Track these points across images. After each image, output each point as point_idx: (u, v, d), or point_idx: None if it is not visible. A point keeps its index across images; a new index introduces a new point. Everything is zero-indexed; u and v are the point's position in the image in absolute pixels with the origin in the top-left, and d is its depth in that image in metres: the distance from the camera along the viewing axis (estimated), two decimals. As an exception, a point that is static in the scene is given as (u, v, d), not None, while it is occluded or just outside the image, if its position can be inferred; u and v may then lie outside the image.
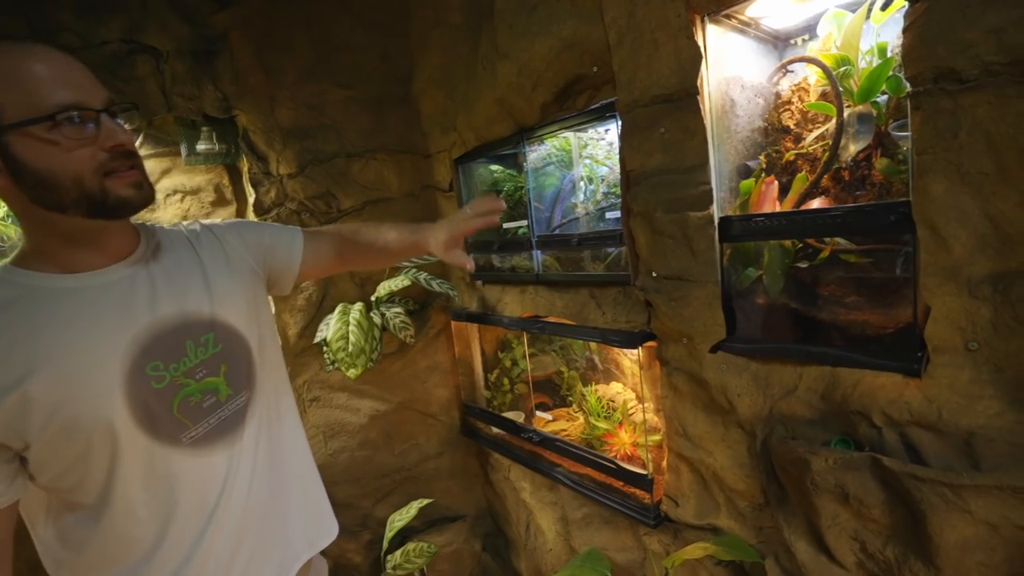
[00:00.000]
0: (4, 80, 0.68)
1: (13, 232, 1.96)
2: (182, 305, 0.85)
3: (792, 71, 1.26)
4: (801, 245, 1.18)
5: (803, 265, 1.18)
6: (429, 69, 2.08)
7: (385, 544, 1.96)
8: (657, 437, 1.67)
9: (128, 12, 1.71)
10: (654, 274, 1.40)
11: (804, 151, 1.23)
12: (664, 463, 1.56)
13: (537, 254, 1.80)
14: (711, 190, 1.25)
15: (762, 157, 1.29)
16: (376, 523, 2.15)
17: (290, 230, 1.12)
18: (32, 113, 0.69)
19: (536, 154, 1.82)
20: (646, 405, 1.59)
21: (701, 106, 1.23)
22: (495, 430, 2.15)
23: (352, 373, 1.85)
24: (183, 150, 1.90)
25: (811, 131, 1.25)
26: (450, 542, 2.15)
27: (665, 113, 1.29)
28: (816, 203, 1.19)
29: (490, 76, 1.74)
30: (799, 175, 1.18)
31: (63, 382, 0.72)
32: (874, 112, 1.08)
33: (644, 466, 1.60)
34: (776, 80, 1.31)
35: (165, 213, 2.02)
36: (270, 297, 1.16)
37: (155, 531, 0.81)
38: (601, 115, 1.48)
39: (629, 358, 1.96)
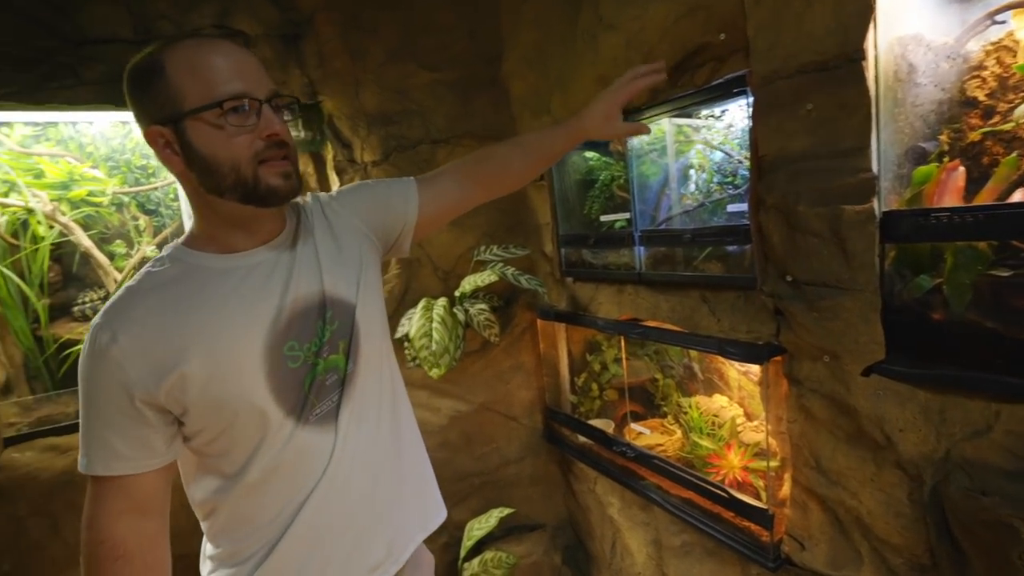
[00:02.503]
0: (188, 71, 0.75)
1: (117, 219, 2.03)
2: (309, 286, 0.87)
3: (1002, 20, 1.00)
4: (999, 247, 0.93)
5: (1003, 274, 0.93)
6: (521, 47, 1.93)
7: (463, 552, 1.87)
8: (775, 463, 1.45)
9: (220, -4, 1.69)
10: (789, 278, 1.18)
11: (1000, 129, 0.97)
12: (782, 494, 1.35)
13: (640, 250, 1.61)
14: (873, 179, 1.02)
15: (943, 137, 1.04)
16: (453, 526, 2.06)
17: (403, 182, 1.06)
18: (205, 100, 0.74)
19: (640, 139, 1.63)
20: (764, 426, 1.38)
21: (865, 75, 1.00)
22: (581, 439, 2.00)
23: (435, 373, 1.76)
24: (271, 138, 1.87)
25: (1013, 102, 0.99)
26: (529, 553, 2.04)
27: (815, 85, 1.07)
28: (1019, 195, 0.94)
29: (591, 51, 1.56)
30: (1007, 159, 0.92)
31: (213, 359, 0.77)
32: None
33: (758, 496, 1.40)
34: (966, 39, 1.04)
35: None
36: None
37: (279, 502, 0.84)
38: (727, 91, 1.27)
39: (737, 370, 1.74)
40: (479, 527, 1.88)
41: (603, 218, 1.75)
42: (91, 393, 0.76)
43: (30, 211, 1.77)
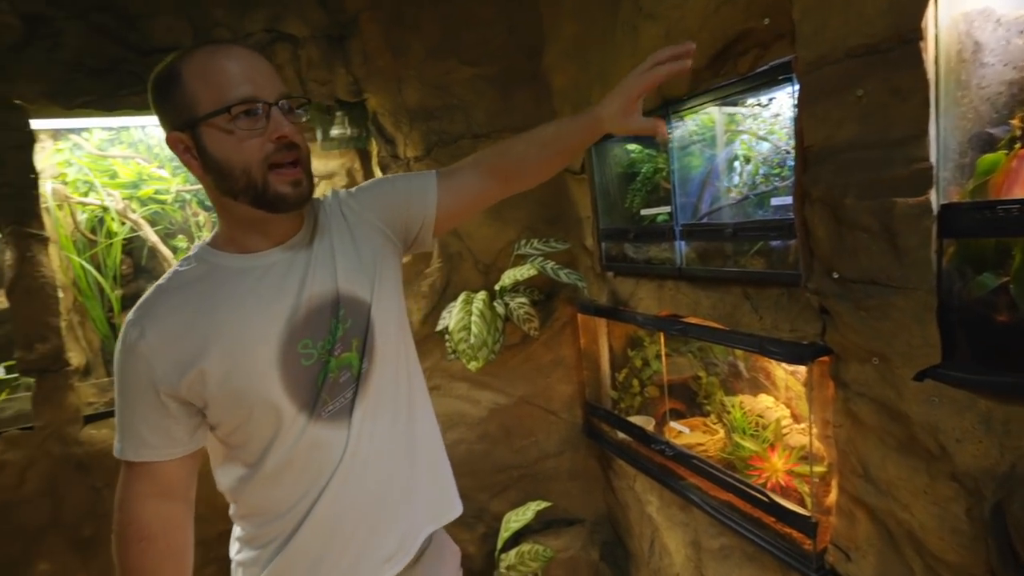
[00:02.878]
0: (201, 77, 0.77)
1: (179, 216, 2.17)
2: (324, 284, 0.88)
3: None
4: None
5: (1079, 273, 0.84)
6: (561, 40, 1.91)
7: (499, 543, 1.90)
8: (820, 468, 1.38)
9: (270, 3, 1.76)
10: (836, 275, 1.12)
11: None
12: (829, 501, 1.28)
13: (680, 245, 1.57)
14: (930, 169, 0.95)
15: (1015, 121, 0.94)
16: (491, 517, 2.09)
17: (423, 176, 1.03)
18: (216, 106, 0.77)
19: (681, 130, 1.58)
20: (809, 429, 1.31)
21: (922, 56, 0.92)
22: (621, 435, 1.98)
23: (473, 366, 1.78)
24: (318, 136, 1.94)
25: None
26: (566, 547, 2.04)
27: (866, 70, 1.00)
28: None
29: (630, 41, 1.52)
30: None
31: (231, 357, 0.80)
32: None
33: (803, 502, 1.33)
34: (1043, 14, 0.94)
35: (304, 198, 2.10)
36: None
37: (295, 495, 0.87)
38: (771, 79, 1.21)
39: (785, 369, 1.66)
40: (516, 519, 1.90)
41: (644, 212, 1.71)
42: (123, 385, 0.81)
43: (105, 209, 1.93)
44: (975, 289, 0.95)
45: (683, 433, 1.80)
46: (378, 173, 2.04)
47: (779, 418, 1.56)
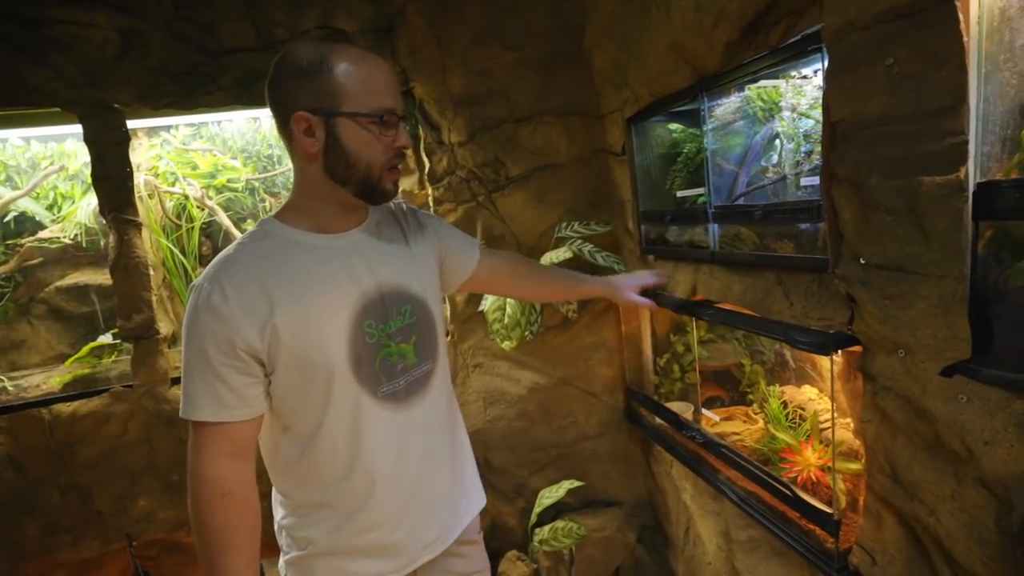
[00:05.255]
0: (353, 76, 0.87)
1: (249, 202, 2.40)
2: (391, 275, 0.98)
3: None
4: None
5: None
6: (601, 19, 1.87)
7: (533, 518, 1.96)
8: (856, 466, 1.31)
9: (321, 2, 1.88)
10: (862, 260, 1.04)
11: None
12: (861, 501, 1.21)
13: (713, 228, 1.51)
14: (965, 143, 0.86)
15: (1068, 88, 0.83)
16: (530, 492, 2.15)
17: (470, 240, 1.23)
18: (365, 108, 0.87)
19: (719, 108, 1.51)
20: (832, 422, 1.24)
21: (959, 16, 0.83)
22: (658, 420, 1.95)
23: (507, 345, 1.83)
24: (370, 125, 2.05)
25: None
26: (602, 527, 2.06)
27: (897, 35, 0.92)
28: None
29: (663, 18, 1.47)
30: None
31: (303, 321, 0.88)
32: None
33: (830, 501, 1.27)
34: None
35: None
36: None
37: (345, 466, 0.95)
38: (800, 50, 1.13)
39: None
40: (549, 496, 1.95)
41: (679, 193, 1.66)
42: (202, 345, 0.85)
43: (187, 197, 2.18)
44: (1015, 278, 0.86)
45: (717, 422, 1.75)
46: (425, 159, 2.12)
47: (816, 411, 1.48)
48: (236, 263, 0.90)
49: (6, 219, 2.27)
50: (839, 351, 1.13)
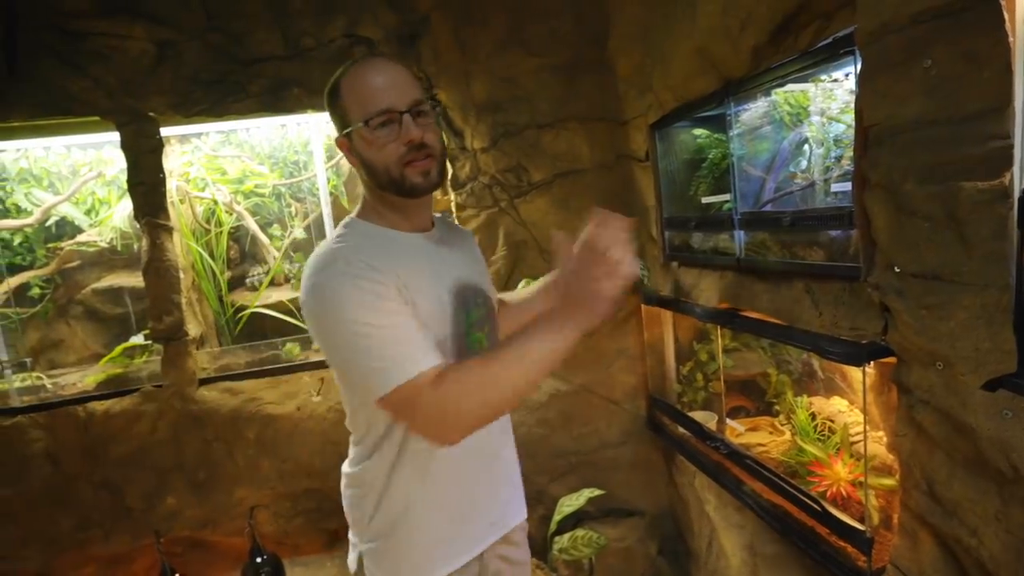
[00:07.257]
0: (351, 93, 0.92)
1: (275, 207, 2.43)
2: (470, 274, 1.06)
3: None
4: None
5: None
6: (624, 24, 1.86)
7: (553, 526, 1.94)
8: (890, 481, 1.26)
9: (347, 10, 1.91)
10: (897, 269, 1.01)
11: None
12: (895, 519, 1.16)
13: (739, 235, 1.48)
14: (1010, 147, 0.83)
15: (1121, 89, 0.79)
16: (550, 499, 2.13)
17: (492, 285, 1.24)
18: (362, 117, 0.91)
19: (745, 113, 1.48)
20: (864, 435, 1.19)
21: (1003, 14, 0.80)
22: (681, 429, 1.92)
23: (527, 351, 1.82)
24: (394, 132, 2.07)
25: None
26: (622, 537, 2.03)
27: (935, 35, 0.89)
28: None
29: (688, 21, 1.46)
30: None
31: (421, 291, 0.93)
32: None
33: (862, 517, 1.22)
34: None
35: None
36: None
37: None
38: (832, 53, 1.10)
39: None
40: (569, 504, 1.93)
41: (704, 200, 1.64)
42: (376, 308, 0.84)
43: (216, 202, 2.23)
44: (1063, 288, 0.82)
45: (742, 433, 1.71)
46: (448, 165, 2.13)
47: (847, 424, 1.43)
48: (350, 249, 0.92)
49: (48, 223, 2.35)
50: (872, 362, 1.09)
